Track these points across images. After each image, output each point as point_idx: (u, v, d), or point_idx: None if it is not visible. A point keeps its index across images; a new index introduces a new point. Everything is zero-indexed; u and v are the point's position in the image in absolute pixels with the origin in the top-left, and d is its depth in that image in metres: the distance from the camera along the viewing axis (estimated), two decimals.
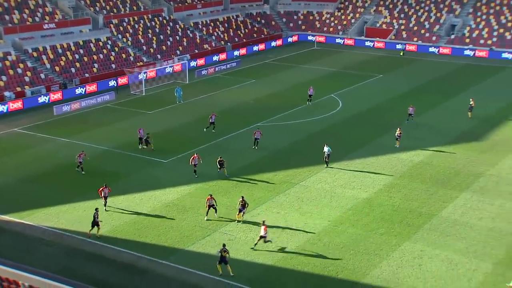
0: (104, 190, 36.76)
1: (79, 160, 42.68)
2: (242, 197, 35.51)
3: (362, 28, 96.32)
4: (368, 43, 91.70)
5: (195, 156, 41.58)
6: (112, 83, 67.39)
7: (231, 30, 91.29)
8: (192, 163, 41.47)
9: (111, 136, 50.96)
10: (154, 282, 29.93)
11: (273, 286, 29.35)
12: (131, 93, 65.11)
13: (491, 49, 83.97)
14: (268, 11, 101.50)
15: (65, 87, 65.07)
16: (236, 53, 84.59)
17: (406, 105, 55.71)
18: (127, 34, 78.55)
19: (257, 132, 47.62)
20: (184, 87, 64.48)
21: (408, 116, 54.10)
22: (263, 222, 32.58)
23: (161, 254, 32.05)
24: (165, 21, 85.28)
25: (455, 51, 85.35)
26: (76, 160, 42.85)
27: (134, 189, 40.02)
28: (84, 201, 38.28)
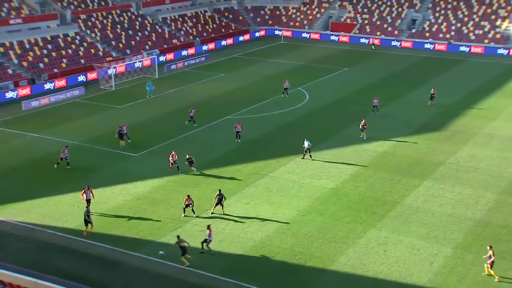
0: (86, 192, 35.77)
1: (64, 156, 42.26)
2: (219, 190, 35.98)
3: (327, 22, 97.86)
4: (333, 37, 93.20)
5: (173, 154, 42.13)
6: (82, 78, 67.32)
7: (199, 25, 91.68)
8: (172, 160, 41.94)
9: (81, 130, 51.09)
10: (126, 274, 30.25)
11: (244, 276, 29.91)
12: (100, 88, 65.15)
13: (450, 43, 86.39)
14: (236, 6, 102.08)
15: (34, 83, 64.82)
16: (205, 47, 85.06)
17: (371, 97, 57.19)
18: (96, 30, 78.34)
19: (238, 125, 48.22)
20: (154, 82, 64.74)
21: (373, 107, 55.58)
22: (208, 227, 31.72)
23: (133, 246, 32.42)
24: (133, 16, 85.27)
25: (416, 44, 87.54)
26: (61, 155, 42.43)
27: (105, 183, 40.30)
28: (55, 195, 38.48)
